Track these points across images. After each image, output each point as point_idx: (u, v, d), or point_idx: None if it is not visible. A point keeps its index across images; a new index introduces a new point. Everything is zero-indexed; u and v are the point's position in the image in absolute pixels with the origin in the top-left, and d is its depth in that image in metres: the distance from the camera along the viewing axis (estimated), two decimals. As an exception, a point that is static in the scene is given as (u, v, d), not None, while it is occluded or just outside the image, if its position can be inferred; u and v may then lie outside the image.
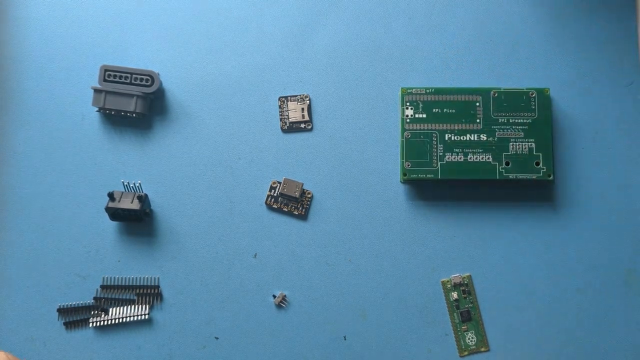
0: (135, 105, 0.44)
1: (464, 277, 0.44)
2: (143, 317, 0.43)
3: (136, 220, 0.44)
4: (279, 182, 0.45)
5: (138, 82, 0.44)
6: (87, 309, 0.43)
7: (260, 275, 0.44)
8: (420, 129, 0.44)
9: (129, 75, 0.44)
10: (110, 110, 0.44)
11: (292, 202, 0.45)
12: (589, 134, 0.45)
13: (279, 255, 0.44)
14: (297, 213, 0.45)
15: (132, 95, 0.44)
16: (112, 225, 0.45)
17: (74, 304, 0.44)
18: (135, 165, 0.45)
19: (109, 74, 0.44)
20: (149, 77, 0.44)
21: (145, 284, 0.44)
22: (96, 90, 0.44)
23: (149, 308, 0.43)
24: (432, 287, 0.44)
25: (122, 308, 0.43)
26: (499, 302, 0.44)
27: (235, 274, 0.44)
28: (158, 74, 0.45)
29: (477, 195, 0.45)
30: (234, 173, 0.45)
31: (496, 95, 0.44)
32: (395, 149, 0.45)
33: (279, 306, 0.44)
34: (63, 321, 0.43)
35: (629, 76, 0.46)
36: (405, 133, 0.44)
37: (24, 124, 0.45)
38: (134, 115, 0.44)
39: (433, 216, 0.45)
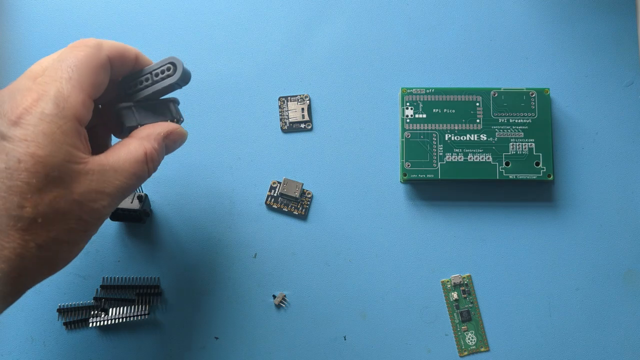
0: (173, 111, 0.37)
1: (464, 277, 0.44)
2: (143, 317, 0.43)
3: (136, 220, 0.44)
4: (279, 182, 0.45)
5: (162, 75, 0.36)
6: (87, 309, 0.43)
7: (260, 275, 0.44)
8: (420, 129, 0.44)
9: (149, 75, 0.36)
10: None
11: (292, 202, 0.45)
12: (589, 134, 0.45)
13: (279, 255, 0.44)
14: (297, 213, 0.45)
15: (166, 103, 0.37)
16: (112, 225, 0.45)
17: (74, 304, 0.44)
18: (135, 165, 0.45)
19: (130, 86, 0.37)
20: (170, 66, 0.36)
21: (145, 284, 0.44)
22: (124, 108, 0.36)
23: (149, 308, 0.43)
24: (432, 287, 0.44)
25: (122, 308, 0.43)
26: (499, 302, 0.44)
27: (235, 274, 0.44)
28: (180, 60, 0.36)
29: (477, 195, 0.45)
30: (234, 173, 0.45)
31: (496, 95, 0.44)
32: (395, 149, 0.45)
33: (279, 306, 0.44)
34: (63, 321, 0.43)
35: (629, 76, 0.46)
36: (405, 133, 0.44)
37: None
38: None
39: (433, 216, 0.45)
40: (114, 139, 0.38)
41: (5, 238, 0.29)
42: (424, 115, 0.44)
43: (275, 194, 0.45)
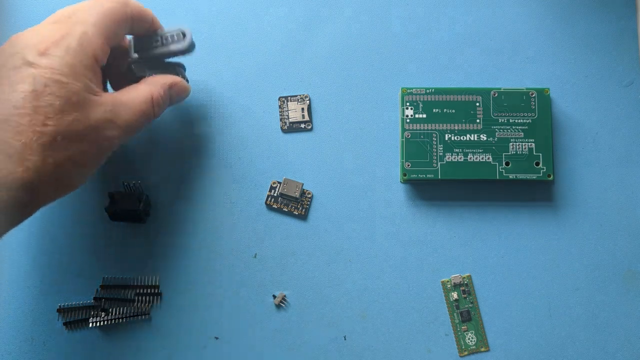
0: (179, 73, 0.43)
1: (464, 277, 0.44)
2: (143, 317, 0.43)
3: (136, 221, 0.44)
4: (279, 182, 0.45)
5: (170, 41, 0.41)
6: (87, 309, 0.43)
7: (260, 275, 0.44)
8: (420, 129, 0.44)
9: (159, 38, 0.41)
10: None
11: (292, 202, 0.45)
12: (589, 134, 0.45)
13: (279, 255, 0.44)
14: (297, 213, 0.45)
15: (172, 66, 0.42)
16: (112, 225, 0.45)
17: (74, 304, 0.44)
18: (135, 165, 0.45)
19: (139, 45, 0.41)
20: (180, 34, 0.41)
21: (145, 283, 0.44)
22: (139, 61, 0.41)
23: (149, 308, 0.44)
24: (432, 287, 0.44)
25: (122, 308, 0.43)
26: (499, 302, 0.44)
27: (235, 274, 0.44)
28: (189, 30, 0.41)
29: (477, 195, 0.45)
30: (234, 173, 0.45)
31: (496, 95, 0.44)
32: (395, 149, 0.45)
33: (279, 306, 0.44)
34: (63, 321, 0.43)
35: (629, 76, 0.46)
36: (405, 133, 0.44)
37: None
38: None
39: (433, 216, 0.45)
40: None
41: (29, 151, 0.32)
42: (424, 115, 0.44)
43: (275, 194, 0.45)
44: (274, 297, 0.44)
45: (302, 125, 0.46)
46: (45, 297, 0.44)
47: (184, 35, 0.41)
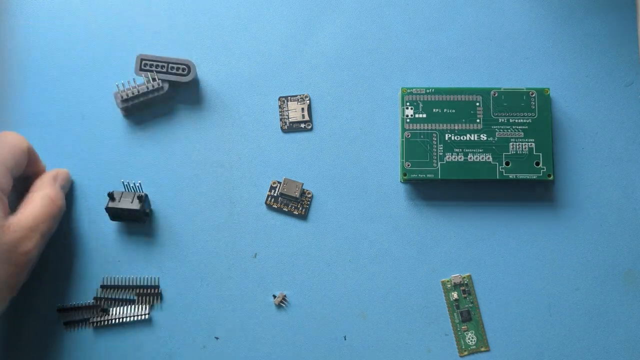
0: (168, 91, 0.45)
1: (464, 277, 0.44)
2: (143, 317, 0.43)
3: (136, 220, 0.44)
4: (279, 182, 0.45)
5: (174, 71, 0.45)
6: (87, 309, 0.43)
7: (260, 275, 0.44)
8: (420, 129, 0.44)
9: (165, 64, 0.45)
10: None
11: (292, 202, 0.45)
12: (589, 134, 0.45)
13: (279, 255, 0.44)
14: (297, 213, 0.45)
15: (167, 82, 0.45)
16: (112, 225, 0.45)
17: (74, 304, 0.44)
18: (135, 165, 0.45)
19: (145, 64, 0.44)
20: (185, 67, 0.45)
21: (145, 284, 0.44)
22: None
23: (149, 308, 0.43)
24: (432, 287, 0.44)
25: (122, 308, 0.43)
26: (499, 302, 0.44)
27: (235, 274, 0.44)
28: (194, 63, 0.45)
29: (477, 195, 0.45)
30: (234, 173, 0.45)
31: (496, 95, 0.44)
32: (395, 149, 0.45)
33: (279, 306, 0.44)
34: (63, 321, 0.43)
35: (629, 76, 0.46)
36: (405, 133, 0.44)
37: (23, 123, 0.45)
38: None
39: (433, 216, 0.45)
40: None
41: None
42: (424, 115, 0.44)
43: (275, 194, 0.45)
44: (274, 297, 0.44)
45: (302, 125, 0.46)
46: (45, 297, 0.44)
47: (189, 68, 0.44)
